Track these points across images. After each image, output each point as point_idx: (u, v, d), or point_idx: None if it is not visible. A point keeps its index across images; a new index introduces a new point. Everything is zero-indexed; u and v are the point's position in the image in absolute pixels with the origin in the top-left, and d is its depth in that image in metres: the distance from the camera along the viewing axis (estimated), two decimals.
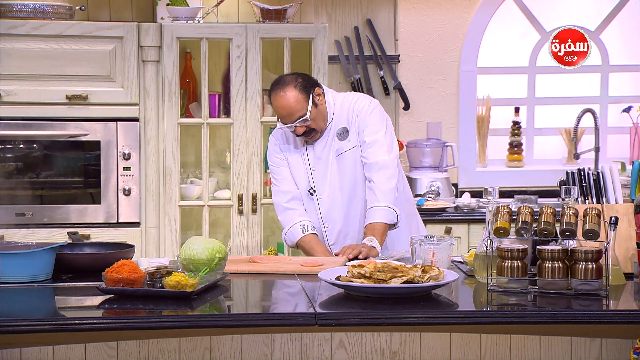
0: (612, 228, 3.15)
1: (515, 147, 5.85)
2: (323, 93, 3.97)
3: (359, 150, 4.00)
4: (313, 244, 3.96)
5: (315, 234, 4.01)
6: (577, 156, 5.63)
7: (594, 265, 3.07)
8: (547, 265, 3.09)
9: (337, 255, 3.78)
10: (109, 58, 4.95)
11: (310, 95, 3.89)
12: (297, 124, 3.89)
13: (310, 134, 3.96)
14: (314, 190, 4.03)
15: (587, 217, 3.14)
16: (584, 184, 3.57)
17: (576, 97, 5.92)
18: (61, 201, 5.00)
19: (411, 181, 5.45)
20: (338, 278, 3.09)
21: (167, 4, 5.13)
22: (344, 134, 4.00)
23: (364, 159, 3.99)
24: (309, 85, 3.90)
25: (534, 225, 3.20)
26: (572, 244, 3.19)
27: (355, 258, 3.69)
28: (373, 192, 3.94)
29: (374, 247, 3.79)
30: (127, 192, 4.99)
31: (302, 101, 3.86)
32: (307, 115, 3.87)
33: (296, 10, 5.19)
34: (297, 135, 3.97)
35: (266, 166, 4.72)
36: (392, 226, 3.95)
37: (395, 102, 5.64)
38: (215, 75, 5.29)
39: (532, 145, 5.95)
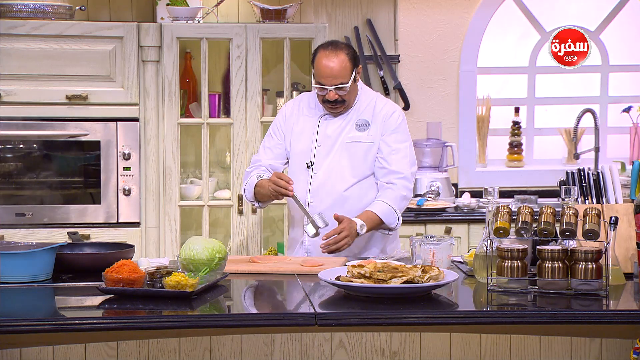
0: (612, 228, 3.15)
1: (515, 147, 5.85)
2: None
3: (375, 148, 3.99)
4: (265, 182, 3.94)
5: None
6: (577, 156, 5.63)
7: (594, 265, 3.07)
8: (547, 265, 3.09)
9: (323, 240, 3.76)
10: (109, 58, 4.95)
11: (355, 69, 3.93)
12: (335, 89, 3.89)
13: (337, 104, 3.96)
14: (312, 165, 4.02)
15: (587, 217, 3.14)
16: (584, 184, 3.57)
17: (576, 97, 5.92)
18: (61, 201, 5.00)
19: None
20: (338, 278, 3.09)
21: (167, 4, 5.13)
22: (364, 126, 4.01)
23: (385, 163, 3.98)
24: (356, 59, 3.95)
25: (534, 225, 3.20)
26: (572, 244, 3.19)
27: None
28: (392, 191, 3.94)
29: (356, 222, 3.79)
30: (127, 192, 4.99)
31: (348, 69, 3.90)
32: (348, 85, 3.89)
33: (296, 10, 5.19)
34: (325, 102, 3.95)
35: None
36: (388, 229, 3.94)
37: (395, 102, 5.63)
38: (215, 75, 5.29)
39: (532, 145, 5.95)
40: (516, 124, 5.84)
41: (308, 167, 4.02)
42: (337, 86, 3.89)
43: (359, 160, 4.00)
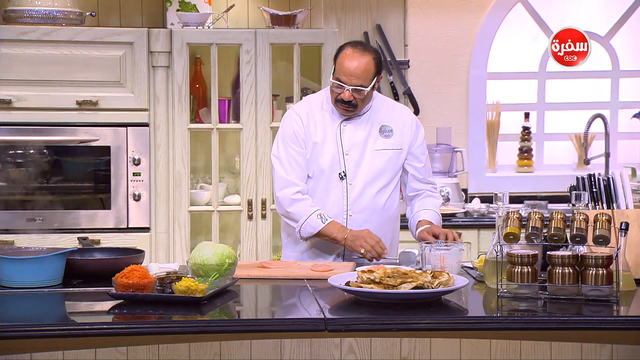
0: (623, 234, 3.14)
1: (525, 153, 5.84)
2: None
3: (403, 155, 3.95)
4: (338, 227, 3.81)
5: (333, 220, 3.85)
6: (587, 161, 5.61)
7: (605, 271, 3.06)
8: (557, 271, 3.09)
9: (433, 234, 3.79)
10: (119, 64, 4.96)
11: (377, 76, 3.85)
12: (352, 90, 3.79)
13: (350, 107, 3.85)
14: (345, 175, 3.89)
15: (598, 223, 3.13)
16: (594, 190, 3.56)
17: (586, 103, 5.91)
18: (71, 206, 5.01)
19: None
20: (348, 283, 3.08)
21: (177, 10, 5.14)
22: (389, 132, 3.94)
23: (418, 173, 3.99)
24: (380, 66, 3.86)
25: (544, 230, 3.19)
26: (582, 249, 3.18)
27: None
28: (435, 199, 4.04)
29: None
30: (137, 198, 4.99)
31: (371, 73, 3.81)
32: (366, 90, 3.80)
33: (306, 16, 5.20)
34: (338, 101, 3.83)
35: None
36: None
37: None
38: (225, 81, 5.29)
39: (542, 150, 5.94)
40: (526, 129, 5.83)
41: (341, 177, 3.89)
42: (355, 87, 3.78)
43: (389, 168, 3.94)
